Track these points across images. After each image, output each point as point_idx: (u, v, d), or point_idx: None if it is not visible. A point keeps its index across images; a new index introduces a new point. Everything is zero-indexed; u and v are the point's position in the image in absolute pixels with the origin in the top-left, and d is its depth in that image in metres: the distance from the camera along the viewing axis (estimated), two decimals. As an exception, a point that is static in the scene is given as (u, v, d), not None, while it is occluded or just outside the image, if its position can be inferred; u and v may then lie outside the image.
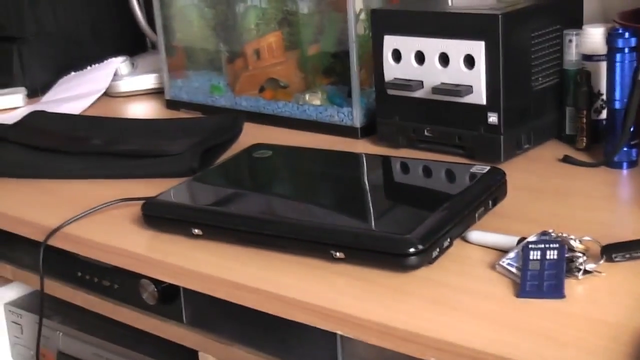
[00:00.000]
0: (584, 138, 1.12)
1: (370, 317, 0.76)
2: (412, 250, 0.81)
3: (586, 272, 0.79)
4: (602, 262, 0.81)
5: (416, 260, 0.82)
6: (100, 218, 1.03)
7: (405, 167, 1.06)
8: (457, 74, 1.10)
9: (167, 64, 1.51)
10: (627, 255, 0.81)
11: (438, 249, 0.83)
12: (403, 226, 0.85)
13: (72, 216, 1.02)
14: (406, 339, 0.74)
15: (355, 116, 1.26)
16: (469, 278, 0.82)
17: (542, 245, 0.82)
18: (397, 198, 1.01)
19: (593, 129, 1.12)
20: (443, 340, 0.72)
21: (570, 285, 0.78)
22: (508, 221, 0.92)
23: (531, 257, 0.81)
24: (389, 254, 0.82)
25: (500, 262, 0.82)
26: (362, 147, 1.23)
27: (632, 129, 1.04)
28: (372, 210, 0.95)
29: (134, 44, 1.76)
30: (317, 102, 1.31)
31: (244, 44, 1.39)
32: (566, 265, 0.79)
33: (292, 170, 1.12)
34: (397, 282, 0.81)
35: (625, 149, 1.05)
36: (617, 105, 1.04)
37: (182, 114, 1.46)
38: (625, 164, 1.06)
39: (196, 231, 0.94)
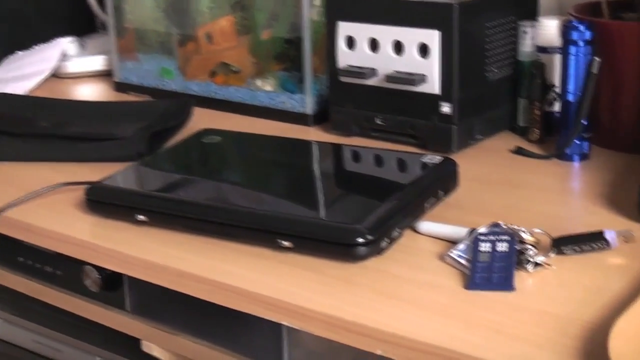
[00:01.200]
0: (537, 130, 1.12)
1: (317, 308, 0.75)
2: (360, 240, 0.80)
3: (536, 264, 0.79)
4: (552, 254, 0.80)
5: (365, 251, 0.80)
6: (42, 202, 1.00)
7: (356, 156, 1.05)
8: (411, 62, 1.09)
9: (117, 46, 1.49)
10: (577, 248, 0.81)
11: (387, 240, 0.82)
12: (352, 216, 0.84)
13: (13, 200, 0.99)
14: (353, 330, 0.73)
15: (307, 103, 1.24)
16: (418, 269, 0.81)
17: (493, 237, 0.81)
18: (348, 187, 0.99)
19: (546, 121, 1.12)
20: (390, 333, 0.71)
21: (520, 277, 0.78)
22: (459, 212, 0.91)
23: (481, 249, 0.80)
24: (337, 244, 0.81)
25: (450, 254, 0.81)
26: (314, 134, 1.21)
27: (584, 122, 1.03)
28: (321, 199, 0.94)
29: (83, 24, 1.72)
30: (269, 88, 1.29)
31: (195, 27, 1.37)
32: (516, 258, 0.79)
33: (242, 157, 1.10)
34: (345, 273, 0.80)
35: (577, 142, 1.05)
36: (571, 98, 1.04)
37: (131, 97, 1.44)
38: (576, 157, 1.06)
39: (141, 217, 0.92)
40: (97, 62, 1.58)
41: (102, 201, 0.95)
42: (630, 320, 0.66)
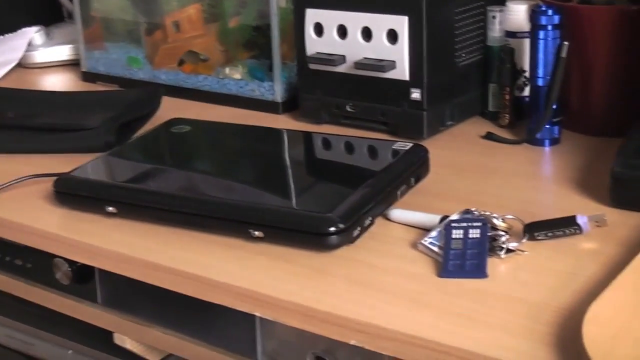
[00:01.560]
0: (507, 115, 1.12)
1: (290, 298, 0.74)
2: (332, 229, 0.79)
3: (509, 250, 0.79)
4: (524, 240, 0.80)
5: (337, 240, 0.80)
6: (10, 195, 0.99)
7: (327, 144, 1.04)
8: (380, 48, 1.08)
9: (84, 35, 1.47)
10: (550, 234, 0.81)
11: (359, 228, 0.82)
12: (323, 204, 0.83)
13: (-19, 193, 0.98)
14: (326, 320, 0.72)
15: (276, 91, 1.24)
16: (390, 257, 0.80)
17: (465, 224, 0.81)
18: (319, 175, 0.99)
19: (516, 106, 1.12)
20: (364, 322, 0.70)
21: (493, 264, 0.77)
22: (431, 199, 0.91)
23: (453, 236, 0.80)
24: (309, 233, 0.81)
25: (422, 241, 0.81)
26: (283, 122, 1.21)
27: (554, 107, 1.03)
28: (292, 188, 0.93)
29: (49, 14, 1.70)
30: (238, 76, 1.29)
31: (163, 15, 1.36)
32: (489, 244, 0.79)
33: (212, 146, 1.09)
34: (317, 262, 0.80)
35: (547, 126, 1.05)
36: (540, 82, 1.04)
37: (98, 87, 1.43)
38: (547, 142, 1.06)
39: (110, 209, 0.91)
40: (64, 52, 1.56)
41: (70, 193, 0.94)
42: (604, 305, 0.66)
